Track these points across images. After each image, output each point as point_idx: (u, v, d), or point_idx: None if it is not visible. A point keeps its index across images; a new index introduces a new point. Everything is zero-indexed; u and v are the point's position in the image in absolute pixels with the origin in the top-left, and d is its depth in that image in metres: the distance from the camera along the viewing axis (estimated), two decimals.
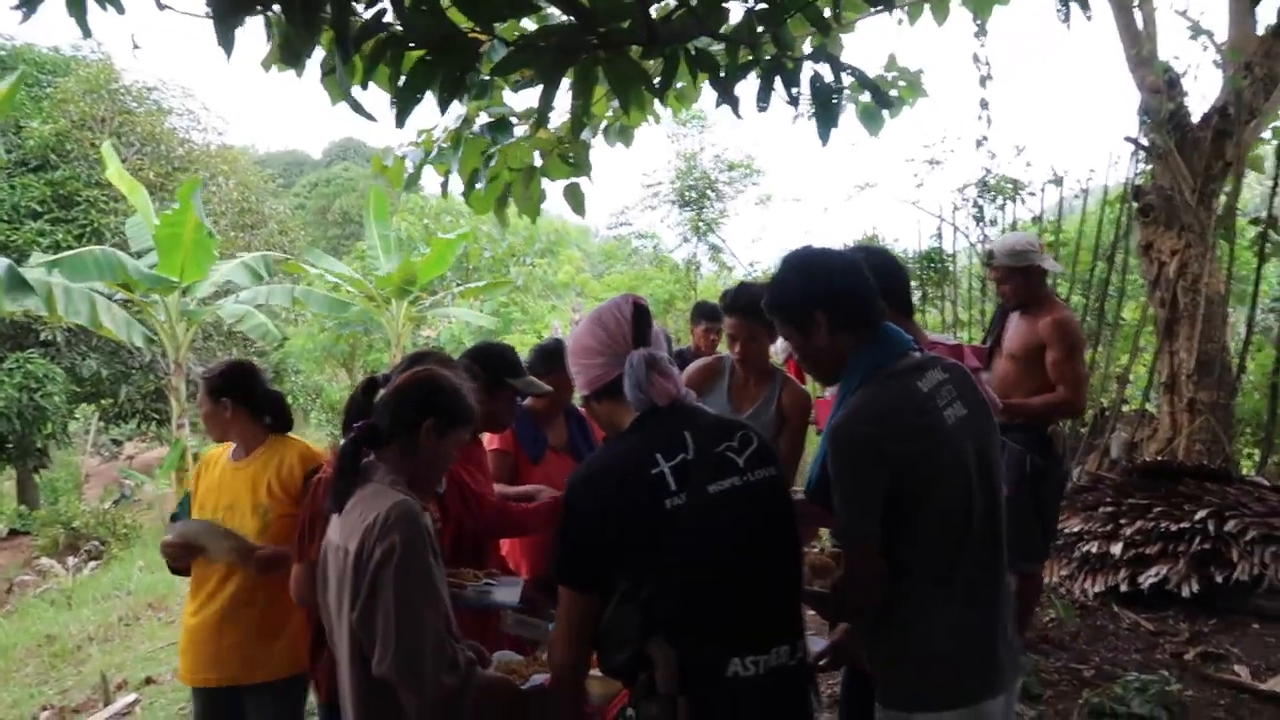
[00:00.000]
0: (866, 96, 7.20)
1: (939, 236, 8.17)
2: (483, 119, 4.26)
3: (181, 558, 2.98)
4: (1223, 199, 5.88)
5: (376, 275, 14.88)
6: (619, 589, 1.82)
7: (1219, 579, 4.55)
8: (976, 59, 7.00)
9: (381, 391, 2.23)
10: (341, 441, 2.16)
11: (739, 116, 2.57)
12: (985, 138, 7.23)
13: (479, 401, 2.86)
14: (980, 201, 7.43)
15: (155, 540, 8.33)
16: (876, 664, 2.09)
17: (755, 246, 19.66)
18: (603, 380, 1.97)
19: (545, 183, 4.38)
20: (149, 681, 6.05)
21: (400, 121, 2.39)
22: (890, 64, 5.34)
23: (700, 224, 16.46)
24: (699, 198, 16.50)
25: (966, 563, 1.97)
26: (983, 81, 6.98)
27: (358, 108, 2.12)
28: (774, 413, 3.34)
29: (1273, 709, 3.66)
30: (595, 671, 2.05)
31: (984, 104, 7.06)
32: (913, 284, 8.39)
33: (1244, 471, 5.76)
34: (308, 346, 21.17)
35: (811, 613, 2.56)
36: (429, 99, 2.32)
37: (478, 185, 4.19)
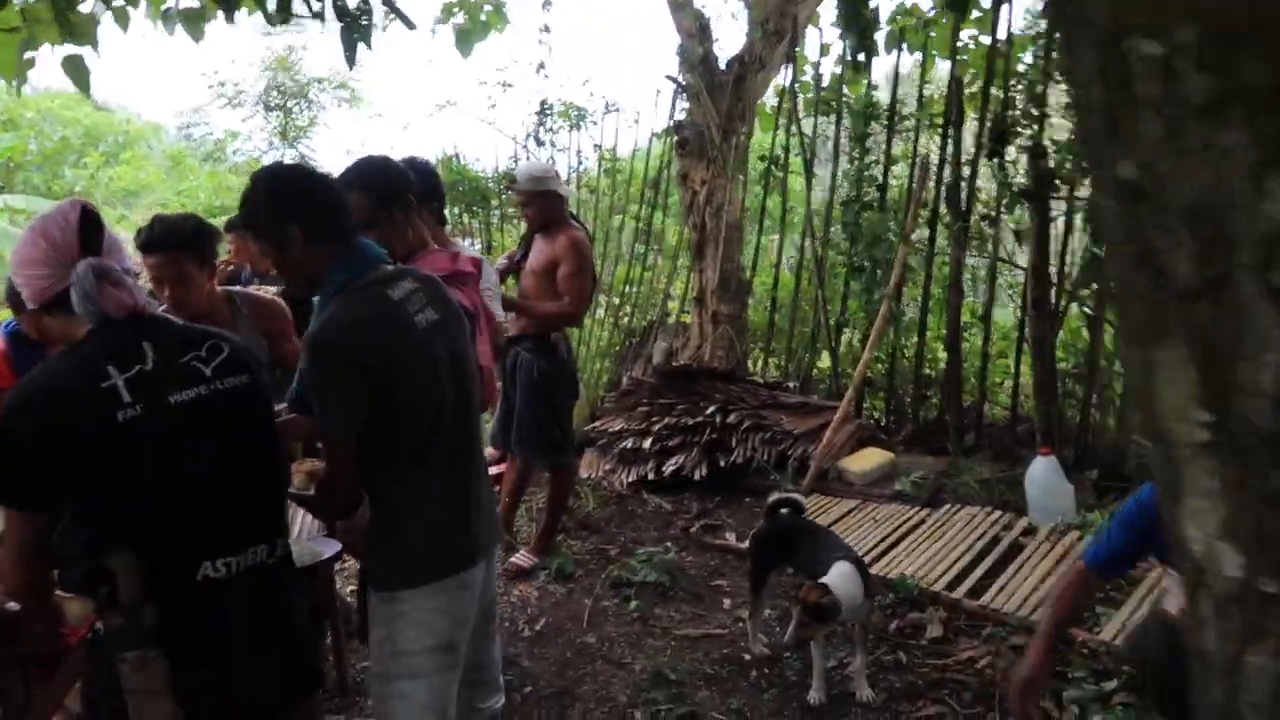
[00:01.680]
0: (462, 19, 7.23)
1: (515, 158, 8.48)
2: None
3: None
4: (741, 137, 6.75)
5: None
6: (69, 507, 1.79)
7: (722, 463, 5.40)
8: None
9: None
10: None
11: (231, 22, 2.50)
12: (544, 64, 7.61)
13: None
14: (546, 126, 7.81)
15: None
16: (367, 554, 2.27)
17: (351, 159, 18.79)
18: (50, 292, 1.89)
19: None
20: None
21: None
22: None
23: (289, 131, 15.46)
24: (286, 103, 15.46)
25: (440, 454, 2.18)
26: (545, 6, 7.31)
27: None
28: (260, 339, 2.92)
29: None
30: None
31: (545, 29, 7.42)
32: (493, 203, 8.73)
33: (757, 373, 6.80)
34: None
35: None
36: None
37: None
